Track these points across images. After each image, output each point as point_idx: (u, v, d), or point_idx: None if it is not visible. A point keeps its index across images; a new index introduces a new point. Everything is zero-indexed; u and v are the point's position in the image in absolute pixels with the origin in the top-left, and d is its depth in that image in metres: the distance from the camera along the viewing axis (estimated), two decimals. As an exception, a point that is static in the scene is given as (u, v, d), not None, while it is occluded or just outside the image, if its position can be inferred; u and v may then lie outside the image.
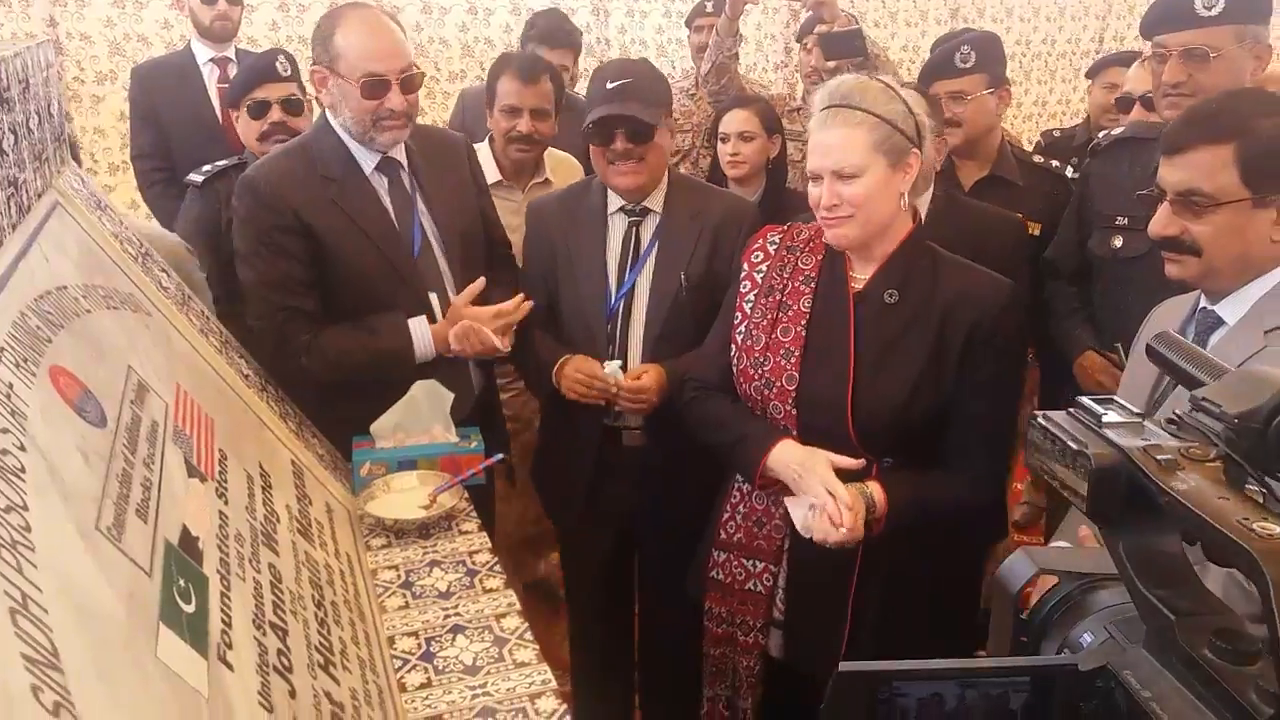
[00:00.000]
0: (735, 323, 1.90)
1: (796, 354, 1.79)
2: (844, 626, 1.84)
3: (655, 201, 2.24)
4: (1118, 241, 2.35)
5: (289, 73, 2.66)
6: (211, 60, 3.63)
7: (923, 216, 1.98)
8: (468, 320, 2.12)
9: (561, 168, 2.91)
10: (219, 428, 1.61)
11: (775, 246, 1.91)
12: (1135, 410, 0.72)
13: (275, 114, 2.61)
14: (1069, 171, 2.87)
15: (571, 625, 2.65)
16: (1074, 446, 0.70)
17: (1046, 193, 2.71)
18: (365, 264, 2.11)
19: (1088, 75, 4.04)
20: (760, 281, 1.89)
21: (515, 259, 2.47)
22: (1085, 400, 0.73)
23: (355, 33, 2.03)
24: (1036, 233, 2.64)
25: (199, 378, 1.72)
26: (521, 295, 2.21)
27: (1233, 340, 1.55)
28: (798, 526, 1.76)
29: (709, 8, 4.03)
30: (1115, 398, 0.73)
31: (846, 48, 3.18)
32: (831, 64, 3.41)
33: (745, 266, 1.92)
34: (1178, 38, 2.10)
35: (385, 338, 2.14)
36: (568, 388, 2.18)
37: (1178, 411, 0.71)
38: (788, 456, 1.77)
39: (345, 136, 2.12)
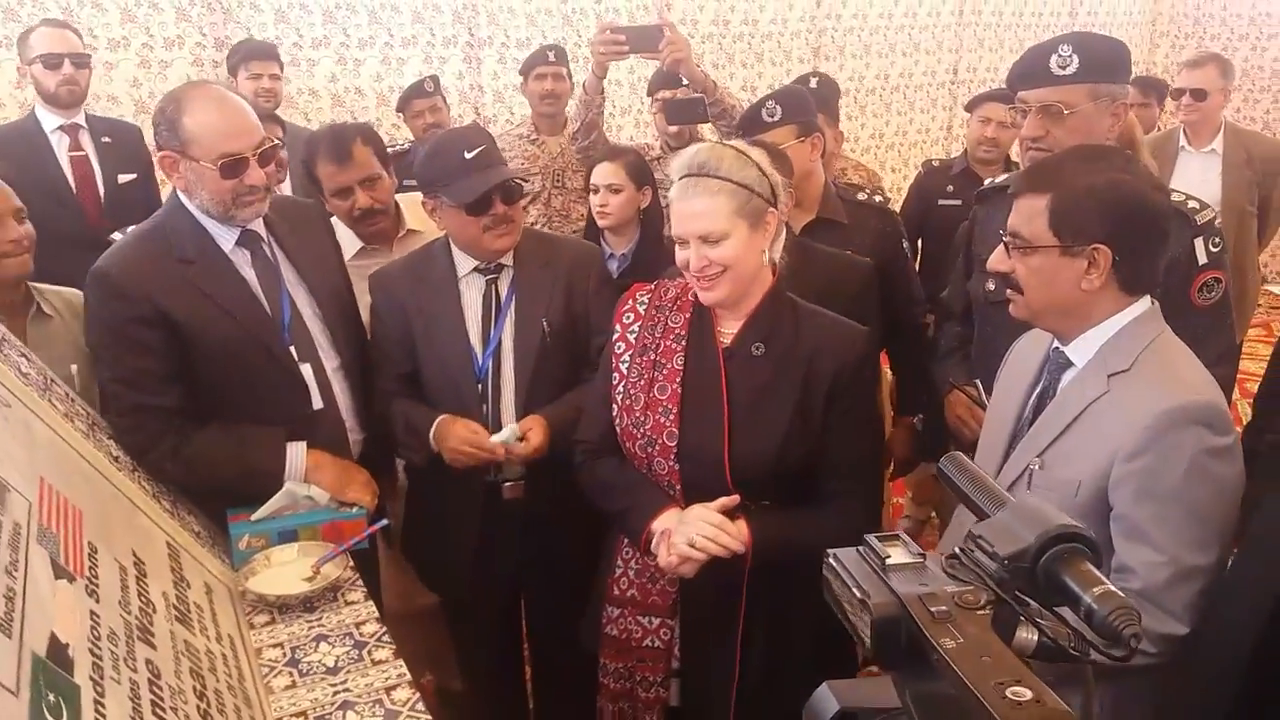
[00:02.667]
0: (614, 383, 1.95)
1: (675, 411, 1.85)
2: (734, 670, 1.89)
3: (507, 255, 2.27)
4: (990, 285, 2.45)
5: None
6: (60, 128, 3.51)
7: (778, 265, 2.06)
8: None
9: (414, 208, 2.81)
10: (88, 519, 1.57)
11: (645, 306, 1.97)
12: (917, 549, 0.77)
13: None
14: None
15: (465, 686, 2.63)
16: (858, 595, 0.74)
17: (873, 228, 2.81)
18: (232, 346, 2.05)
19: (966, 108, 4.22)
20: (634, 342, 1.94)
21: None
22: (872, 539, 0.78)
23: (205, 114, 1.98)
24: None
25: (65, 467, 1.68)
26: None
27: (1080, 382, 1.66)
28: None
29: (551, 56, 4.15)
30: (900, 534, 0.78)
31: (689, 114, 3.28)
32: (674, 129, 3.52)
33: (618, 328, 1.98)
34: (1035, 94, 2.19)
35: (258, 457, 2.09)
36: (452, 458, 2.17)
37: (959, 548, 0.76)
38: (668, 523, 1.83)
39: (200, 215, 2.06)
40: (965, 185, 3.85)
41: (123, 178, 3.62)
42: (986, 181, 2.87)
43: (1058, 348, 1.73)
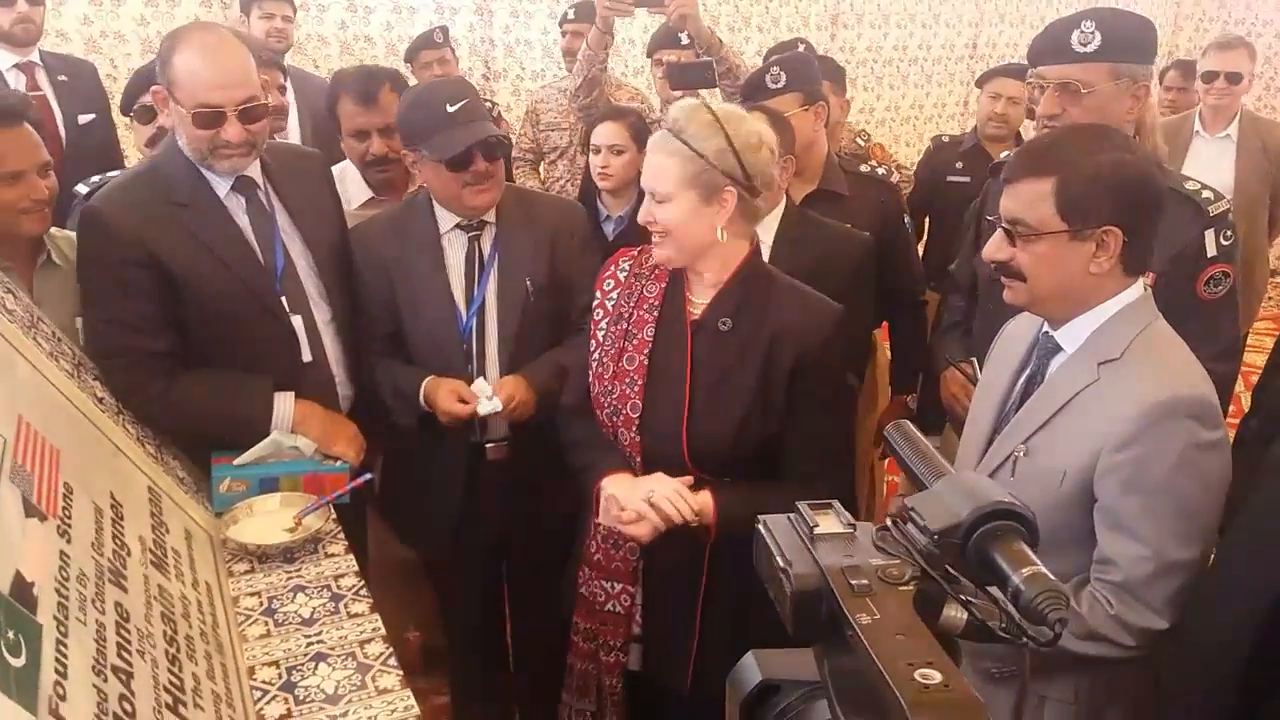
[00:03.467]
0: (591, 349, 1.94)
1: (640, 382, 1.84)
2: (693, 641, 1.90)
3: (489, 212, 2.24)
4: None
5: None
6: (16, 66, 3.42)
7: (772, 236, 2.01)
8: None
9: None
10: (66, 459, 1.56)
11: (625, 274, 1.95)
12: (849, 519, 0.74)
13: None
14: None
15: (450, 642, 2.64)
16: (780, 563, 0.72)
17: (874, 200, 2.78)
18: (223, 294, 2.02)
19: (977, 84, 4.15)
20: (611, 309, 1.93)
21: None
22: (803, 506, 0.75)
23: (194, 58, 1.93)
24: None
25: (46, 406, 1.67)
26: None
27: (1069, 369, 1.62)
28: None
29: (571, 14, 4.12)
30: (834, 503, 0.75)
31: (696, 78, 3.21)
32: (678, 94, 3.46)
33: (598, 294, 1.96)
34: (1054, 71, 2.12)
35: (245, 405, 2.07)
36: (445, 412, 2.14)
37: (890, 519, 0.74)
38: (618, 486, 1.82)
39: (195, 159, 2.03)
40: (975, 162, 3.81)
41: (82, 118, 3.53)
42: (1002, 155, 2.82)
43: (1047, 332, 1.69)
